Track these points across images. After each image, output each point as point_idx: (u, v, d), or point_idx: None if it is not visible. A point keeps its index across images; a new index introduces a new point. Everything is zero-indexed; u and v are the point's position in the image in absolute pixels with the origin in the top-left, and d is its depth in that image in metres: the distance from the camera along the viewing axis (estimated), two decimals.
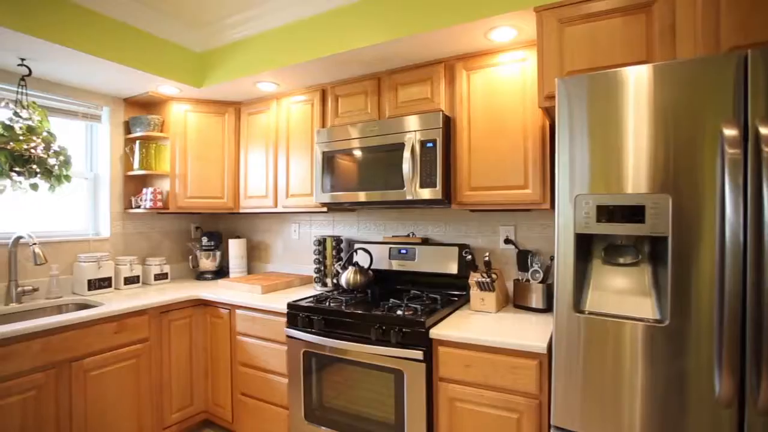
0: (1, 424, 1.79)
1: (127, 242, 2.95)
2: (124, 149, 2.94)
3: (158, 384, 2.43)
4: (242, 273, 3.14)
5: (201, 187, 2.90)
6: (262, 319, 2.36)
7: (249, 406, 2.44)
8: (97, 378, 2.13)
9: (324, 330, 2.06)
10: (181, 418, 2.55)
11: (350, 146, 2.32)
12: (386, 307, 1.99)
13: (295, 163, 2.69)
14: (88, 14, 2.17)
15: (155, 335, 2.41)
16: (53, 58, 2.23)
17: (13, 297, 2.30)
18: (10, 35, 1.95)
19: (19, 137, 2.11)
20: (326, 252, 2.68)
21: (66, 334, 2.00)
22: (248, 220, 3.40)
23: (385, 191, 2.20)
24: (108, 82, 2.61)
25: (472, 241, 2.46)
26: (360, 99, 2.44)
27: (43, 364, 1.93)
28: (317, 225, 3.04)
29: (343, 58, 2.23)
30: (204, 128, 2.92)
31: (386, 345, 1.86)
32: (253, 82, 2.60)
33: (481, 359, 1.68)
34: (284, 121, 2.75)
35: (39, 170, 2.18)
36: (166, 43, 2.55)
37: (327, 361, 2.07)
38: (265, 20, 2.43)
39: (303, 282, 2.90)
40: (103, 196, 2.87)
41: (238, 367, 2.49)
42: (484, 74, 2.06)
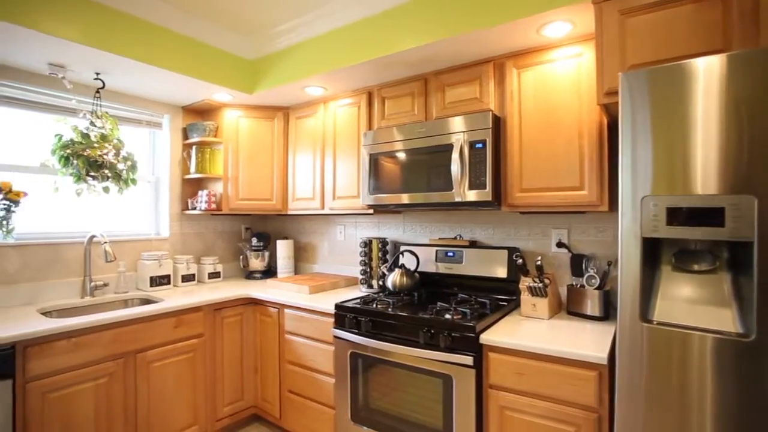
0: (79, 406, 1.95)
1: (185, 242, 3.11)
2: (182, 154, 3.11)
3: (212, 377, 2.53)
4: (289, 273, 3.22)
5: (251, 190, 3.00)
6: (310, 319, 2.40)
7: (296, 404, 2.49)
8: (159, 369, 2.26)
9: (371, 331, 2.07)
10: (232, 411, 2.65)
11: (397, 148, 2.32)
12: (434, 311, 1.97)
13: (341, 166, 2.73)
14: (153, 29, 2.32)
15: (209, 331, 2.52)
16: (124, 71, 2.39)
17: (87, 291, 2.50)
18: (89, 52, 2.12)
19: (94, 144, 2.29)
20: (372, 254, 2.69)
21: (132, 326, 2.14)
22: (296, 222, 3.49)
23: (432, 193, 2.18)
24: (169, 92, 2.77)
25: (522, 244, 2.38)
26: (407, 101, 2.43)
27: (113, 354, 2.07)
28: (362, 227, 3.06)
29: (389, 60, 2.23)
30: (255, 133, 3.03)
31: (435, 349, 1.83)
32: (301, 86, 2.66)
33: (534, 367, 1.62)
34: (331, 125, 2.80)
35: (110, 174, 2.35)
36: (221, 53, 2.67)
37: (374, 363, 2.07)
38: (313, 26, 2.49)
39: (348, 283, 2.93)
40: (163, 198, 3.05)
41: (286, 365, 2.55)
42: (536, 72, 1.99)
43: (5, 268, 2.27)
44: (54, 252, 2.44)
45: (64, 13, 1.98)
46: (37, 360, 1.83)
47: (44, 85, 2.43)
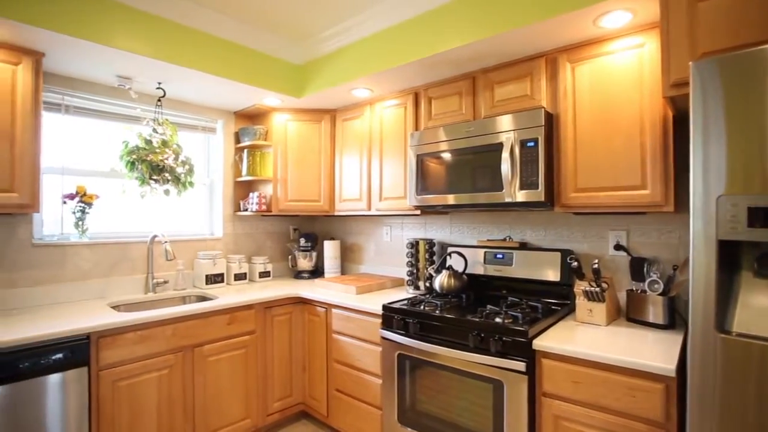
0: (143, 394, 2.08)
1: (237, 242, 3.24)
2: (234, 157, 3.24)
3: (263, 373, 2.62)
4: (336, 273, 3.26)
5: (300, 191, 3.08)
6: (357, 319, 2.42)
7: (343, 402, 2.52)
8: (214, 363, 2.36)
9: (419, 333, 2.05)
10: (281, 407, 2.72)
11: (444, 148, 2.29)
12: (484, 314, 1.92)
13: (388, 167, 2.73)
14: (209, 38, 2.43)
15: (260, 328, 2.60)
16: (182, 80, 2.53)
17: (150, 287, 2.67)
18: (152, 63, 2.26)
19: (156, 150, 2.44)
20: (419, 255, 2.68)
21: (190, 322, 2.26)
22: (342, 223, 3.53)
23: (481, 193, 2.13)
24: (222, 98, 2.90)
25: (576, 247, 2.27)
26: (454, 100, 2.40)
27: (174, 347, 2.19)
28: (409, 228, 3.05)
29: (436, 59, 2.21)
30: (302, 135, 3.10)
31: (485, 353, 1.79)
32: (348, 89, 2.69)
33: (592, 377, 1.53)
34: (377, 126, 2.81)
35: (170, 178, 2.50)
36: (271, 58, 2.75)
37: (421, 365, 2.05)
38: (359, 29, 2.51)
39: (395, 284, 2.93)
40: (216, 200, 3.19)
41: (333, 363, 2.59)
42: (592, 65, 1.90)
43: (80, 265, 2.46)
44: (121, 250, 2.62)
45: (131, 29, 2.12)
46: (108, 350, 1.97)
47: (112, 96, 2.61)
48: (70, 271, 2.43)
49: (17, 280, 2.25)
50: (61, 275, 2.40)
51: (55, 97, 2.43)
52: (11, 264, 2.23)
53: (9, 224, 2.23)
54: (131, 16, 2.12)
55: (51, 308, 2.24)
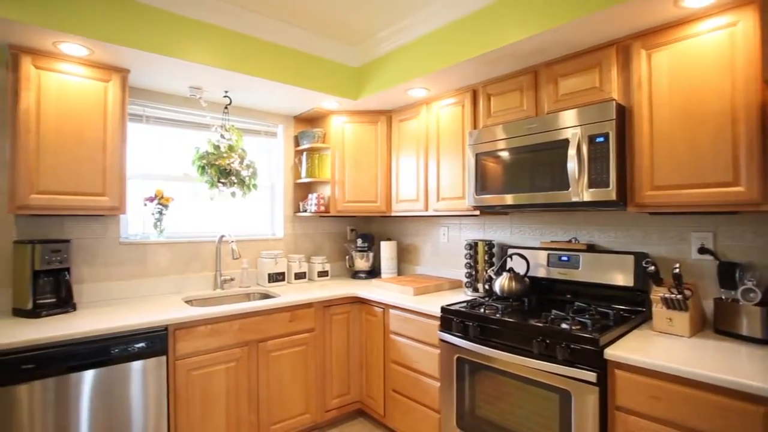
0: (213, 384, 2.22)
1: (296, 242, 3.35)
2: (294, 160, 3.36)
3: (321, 370, 2.68)
4: (393, 274, 3.27)
5: (357, 192, 3.12)
6: (415, 321, 2.41)
7: (400, 403, 2.52)
8: (277, 359, 2.45)
9: (479, 337, 2.00)
10: (339, 404, 2.77)
11: (505, 146, 2.21)
12: (549, 319, 1.83)
13: (445, 167, 2.69)
14: (270, 46, 2.53)
15: (319, 326, 2.66)
16: (246, 88, 2.66)
17: (218, 284, 2.83)
18: (221, 74, 2.40)
19: (223, 154, 2.59)
20: (477, 256, 2.61)
21: (255, 318, 2.36)
22: (399, 223, 3.53)
23: (545, 193, 2.03)
24: (283, 103, 3.01)
25: (652, 250, 2.09)
26: (514, 96, 2.31)
27: (240, 341, 2.31)
28: (467, 228, 2.98)
29: (495, 55, 2.14)
30: (359, 137, 3.14)
31: (550, 361, 1.70)
32: (404, 89, 2.69)
33: (675, 393, 1.40)
34: (434, 125, 2.77)
35: (236, 180, 2.64)
36: (328, 62, 2.82)
37: (481, 370, 1.99)
38: (414, 29, 2.50)
39: (452, 286, 2.88)
40: (277, 202, 3.32)
41: (391, 364, 2.59)
42: (672, 51, 1.74)
43: (159, 262, 2.67)
44: (194, 249, 2.81)
45: (202, 42, 2.26)
46: (184, 341, 2.11)
47: (185, 106, 2.81)
48: (151, 268, 2.64)
49: (109, 274, 2.49)
50: (143, 271, 2.61)
51: (137, 109, 2.65)
52: (103, 260, 2.47)
53: (101, 225, 2.47)
54: (201, 30, 2.26)
55: (135, 301, 2.45)
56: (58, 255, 2.15)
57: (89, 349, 1.86)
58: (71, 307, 2.18)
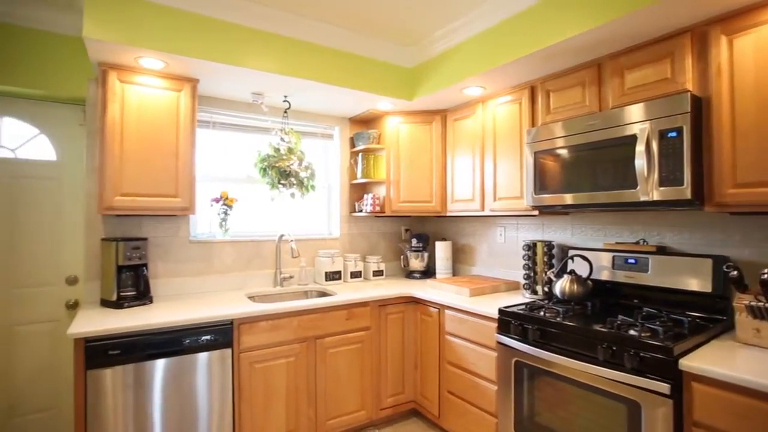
0: (274, 377, 2.32)
1: (352, 241, 3.42)
2: (350, 161, 3.43)
3: (377, 369, 2.72)
4: (448, 274, 3.25)
5: (412, 192, 3.13)
6: (471, 322, 2.38)
7: (455, 405, 2.49)
8: (334, 355, 2.52)
9: (539, 341, 1.94)
10: (394, 403, 2.79)
11: (565, 144, 2.13)
12: (615, 325, 1.73)
13: (502, 166, 2.63)
14: (327, 51, 2.61)
15: (375, 325, 2.70)
16: (305, 92, 2.76)
17: (278, 281, 2.96)
18: (281, 79, 2.50)
19: (283, 157, 2.70)
20: (536, 258, 2.53)
21: (313, 315, 2.45)
22: (454, 223, 3.50)
23: (609, 192, 1.93)
24: (339, 106, 3.09)
25: (733, 253, 1.92)
26: (575, 91, 2.21)
27: (299, 337, 2.40)
28: (524, 229, 2.90)
29: (554, 50, 2.06)
30: (414, 137, 3.15)
31: (617, 369, 1.61)
32: (459, 88, 2.66)
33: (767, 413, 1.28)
34: (490, 124, 2.72)
35: (295, 182, 2.74)
36: (383, 64, 2.85)
37: (541, 375, 1.93)
38: (469, 28, 2.47)
39: (509, 287, 2.81)
40: (334, 202, 3.41)
41: (446, 365, 2.57)
42: (759, 35, 1.58)
43: (224, 260, 2.84)
44: (255, 248, 2.96)
45: (263, 50, 2.38)
46: (247, 335, 2.23)
47: (248, 111, 2.96)
48: (216, 265, 2.81)
49: (180, 270, 2.68)
50: (209, 268, 2.79)
51: (205, 116, 2.84)
52: (175, 257, 2.67)
53: (173, 224, 2.67)
54: (263, 38, 2.38)
55: (203, 296, 2.62)
56: (137, 252, 2.36)
57: (165, 339, 2.02)
58: (148, 299, 2.38)
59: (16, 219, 2.42)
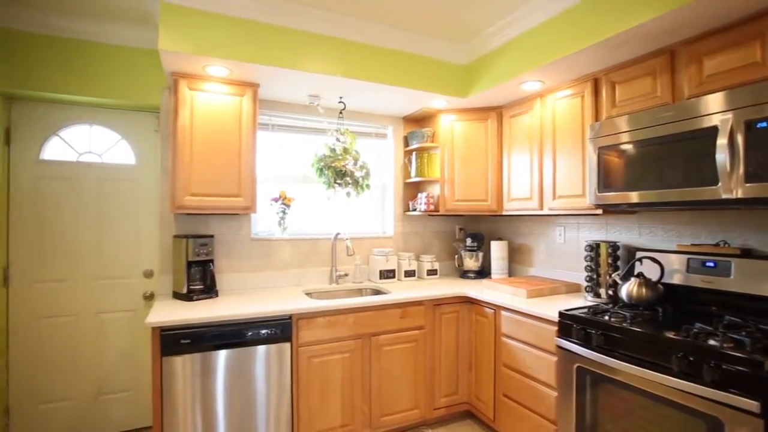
0: (330, 372, 2.38)
1: (405, 240, 3.43)
2: (404, 160, 3.44)
3: (430, 368, 2.71)
4: (503, 275, 3.16)
5: (466, 191, 3.08)
6: (529, 324, 2.30)
7: (511, 409, 2.43)
8: (388, 353, 2.55)
9: (603, 347, 1.84)
10: (447, 403, 2.77)
11: (633, 138, 1.99)
12: (691, 333, 1.60)
13: (562, 163, 2.52)
14: (380, 51, 2.63)
15: (429, 324, 2.69)
16: (359, 93, 2.80)
17: (333, 278, 3.04)
18: (337, 81, 2.56)
19: (338, 157, 2.77)
20: (599, 259, 2.40)
21: (369, 313, 2.48)
22: (509, 223, 3.41)
23: (684, 189, 1.78)
24: (392, 105, 3.11)
25: None
26: (645, 82, 2.07)
27: (354, 334, 2.45)
28: (586, 228, 2.75)
29: (621, 38, 1.94)
30: (468, 135, 3.10)
31: (694, 381, 1.49)
32: (516, 83, 2.58)
33: None
34: (549, 120, 2.62)
35: (350, 181, 2.80)
36: (437, 62, 2.83)
37: (606, 383, 1.83)
38: (525, 21, 2.39)
39: (569, 290, 2.69)
40: (388, 201, 3.43)
41: (502, 368, 2.51)
42: None
43: (282, 257, 2.96)
44: (312, 245, 3.05)
45: (319, 53, 2.44)
46: (305, 330, 2.31)
47: (304, 113, 3.06)
48: (275, 262, 2.94)
49: (242, 266, 2.83)
50: (268, 264, 2.92)
51: (265, 119, 2.97)
52: (238, 253, 2.82)
53: (236, 222, 2.82)
54: (319, 41, 2.44)
55: (263, 291, 2.75)
56: (205, 248, 2.51)
57: (229, 331, 2.14)
58: (214, 293, 2.53)
59: (102, 217, 2.67)
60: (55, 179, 2.57)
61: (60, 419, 2.59)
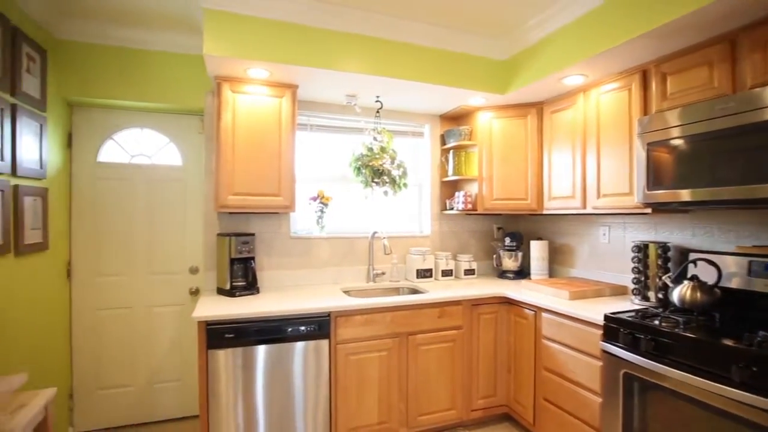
0: (367, 369, 2.40)
1: (442, 240, 3.40)
2: (441, 159, 3.41)
3: (468, 369, 2.67)
4: (543, 275, 3.07)
5: (505, 189, 3.02)
6: (571, 327, 2.23)
7: (552, 414, 2.36)
8: (425, 352, 2.54)
9: (653, 353, 1.75)
10: (485, 405, 2.73)
11: (687, 132, 1.88)
12: (755, 342, 1.50)
13: (607, 160, 2.41)
14: (416, 48, 2.61)
15: (467, 325, 2.66)
16: (396, 92, 2.80)
17: (371, 277, 3.06)
18: (374, 80, 2.57)
19: (376, 156, 2.78)
20: (648, 260, 2.28)
21: (406, 312, 2.48)
22: (550, 222, 3.30)
23: (745, 186, 1.66)
24: (429, 103, 3.09)
25: None
26: (701, 72, 1.94)
27: (392, 332, 2.46)
28: (633, 228, 2.62)
29: (675, 26, 1.83)
30: (507, 132, 3.03)
31: (759, 393, 1.39)
32: (558, 78, 2.50)
33: None
34: (593, 115, 2.51)
35: (387, 180, 2.80)
36: (474, 58, 2.78)
37: (655, 391, 1.74)
38: (569, 12, 2.31)
39: (614, 292, 2.57)
40: (424, 200, 3.42)
41: (542, 371, 2.44)
42: None
43: (320, 255, 3.01)
44: (349, 244, 3.08)
45: (357, 53, 2.46)
46: (343, 328, 2.34)
47: (341, 113, 3.09)
48: (314, 260, 2.99)
49: (281, 264, 2.90)
50: (307, 262, 2.97)
51: (303, 119, 3.02)
52: (278, 251, 2.89)
53: (276, 221, 2.89)
54: (356, 41, 2.46)
55: (302, 288, 2.81)
56: (246, 246, 2.59)
57: (270, 327, 2.20)
58: (256, 290, 2.61)
59: (152, 216, 2.81)
60: (110, 180, 2.73)
61: (117, 404, 2.76)
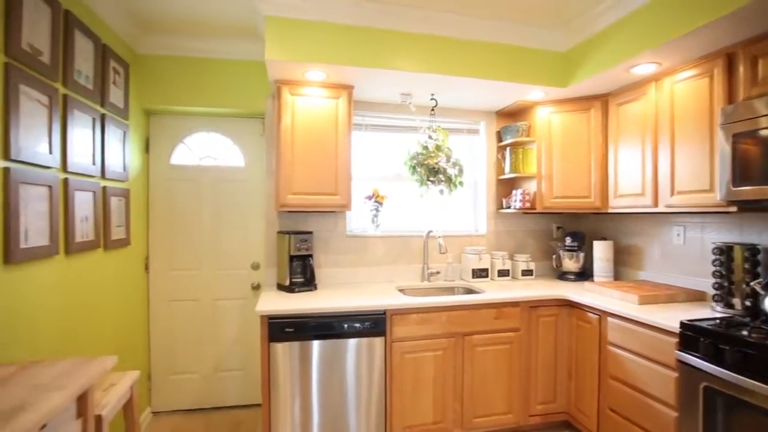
0: (423, 368, 2.40)
1: (498, 239, 3.32)
2: (497, 156, 3.32)
3: (526, 373, 2.59)
4: (608, 278, 2.90)
5: (566, 187, 2.88)
6: (641, 334, 2.08)
7: (619, 426, 2.22)
8: (481, 353, 2.49)
9: (739, 366, 1.59)
10: (543, 411, 2.63)
11: None
12: None
13: (682, 154, 2.23)
14: (471, 44, 2.55)
15: (525, 327, 2.57)
16: (451, 89, 2.76)
17: (425, 276, 3.05)
18: (428, 78, 2.55)
19: (431, 154, 2.76)
20: (732, 264, 2.08)
21: (462, 312, 2.45)
22: (614, 221, 3.11)
23: None
24: (485, 100, 3.02)
25: None
26: None
27: (447, 332, 2.44)
28: (712, 228, 2.41)
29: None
30: (568, 127, 2.89)
31: None
32: (626, 67, 2.34)
33: None
34: (666, 105, 2.33)
35: (443, 178, 2.78)
36: (533, 51, 2.67)
37: (743, 408, 1.58)
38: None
39: (690, 298, 2.38)
40: (480, 199, 3.35)
41: (608, 379, 2.31)
42: None
43: (375, 253, 3.04)
44: (404, 243, 3.09)
45: (411, 51, 2.45)
46: (398, 326, 2.35)
47: (396, 112, 3.10)
48: (369, 258, 3.03)
49: (338, 261, 2.97)
50: (362, 260, 3.02)
51: (358, 119, 3.07)
52: (334, 249, 2.96)
53: (332, 219, 2.96)
54: (409, 40, 2.45)
55: (357, 286, 2.85)
56: (305, 244, 2.67)
57: (328, 323, 2.26)
58: (313, 286, 2.68)
59: (218, 214, 2.99)
60: (181, 180, 2.94)
61: (188, 389, 2.97)
